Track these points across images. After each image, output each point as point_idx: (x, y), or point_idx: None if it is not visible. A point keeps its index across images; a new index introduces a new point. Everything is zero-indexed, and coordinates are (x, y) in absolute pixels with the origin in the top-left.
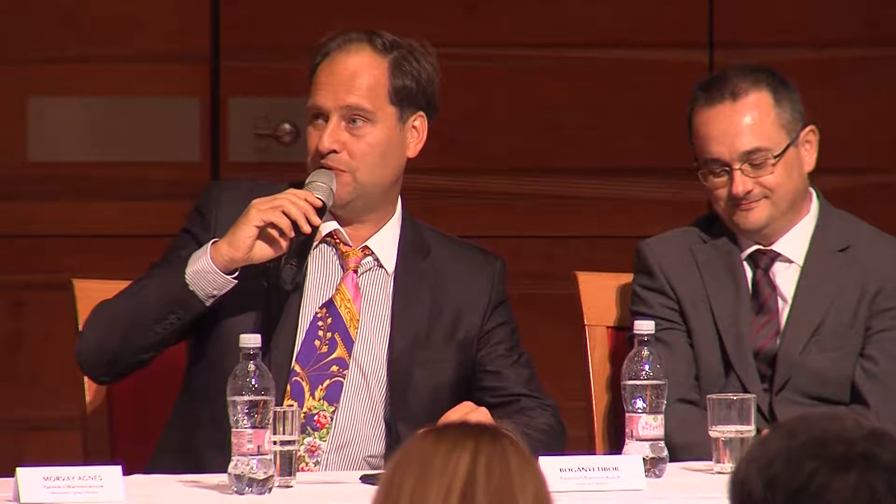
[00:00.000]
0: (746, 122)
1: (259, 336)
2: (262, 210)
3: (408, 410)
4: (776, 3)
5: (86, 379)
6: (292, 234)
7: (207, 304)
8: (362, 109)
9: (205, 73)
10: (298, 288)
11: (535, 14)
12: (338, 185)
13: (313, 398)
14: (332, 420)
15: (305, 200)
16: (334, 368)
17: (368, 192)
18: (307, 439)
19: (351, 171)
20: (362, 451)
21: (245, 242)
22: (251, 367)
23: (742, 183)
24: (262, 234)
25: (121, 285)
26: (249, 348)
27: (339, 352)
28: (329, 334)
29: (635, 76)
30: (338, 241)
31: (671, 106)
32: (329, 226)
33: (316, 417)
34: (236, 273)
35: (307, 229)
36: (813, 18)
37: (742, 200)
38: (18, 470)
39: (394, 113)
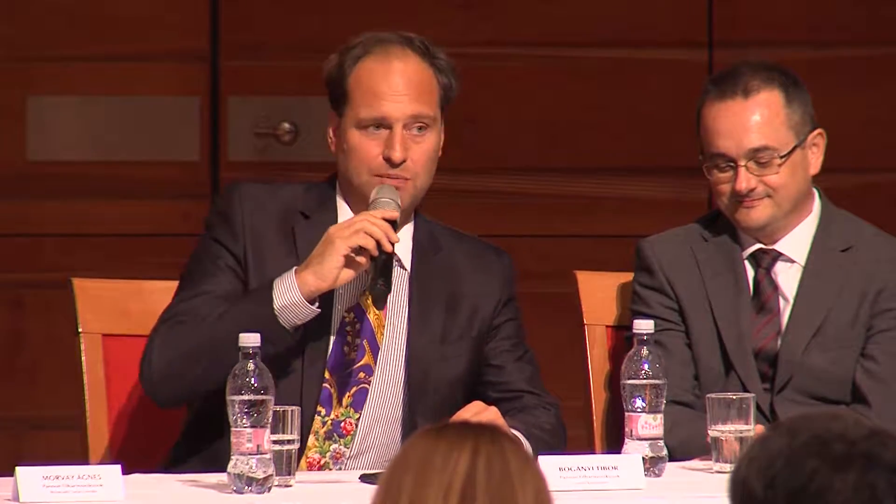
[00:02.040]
0: (756, 119)
1: (258, 335)
2: (346, 238)
3: (425, 409)
4: (776, 2)
5: (85, 378)
6: (376, 254)
7: (292, 333)
8: (427, 116)
9: (205, 73)
10: (385, 305)
11: (533, 13)
12: (401, 195)
13: (341, 405)
14: (356, 427)
15: (382, 218)
16: (361, 375)
17: (419, 196)
18: (333, 446)
19: (413, 178)
20: (382, 456)
21: (333, 273)
22: (250, 366)
23: (746, 180)
24: (346, 260)
25: (121, 285)
26: (249, 348)
27: (367, 358)
28: (357, 340)
29: (635, 76)
30: None
31: (671, 106)
32: None
33: (342, 424)
34: (317, 302)
35: (389, 248)
36: (813, 17)
37: (745, 198)
38: (18, 469)
39: (440, 115)
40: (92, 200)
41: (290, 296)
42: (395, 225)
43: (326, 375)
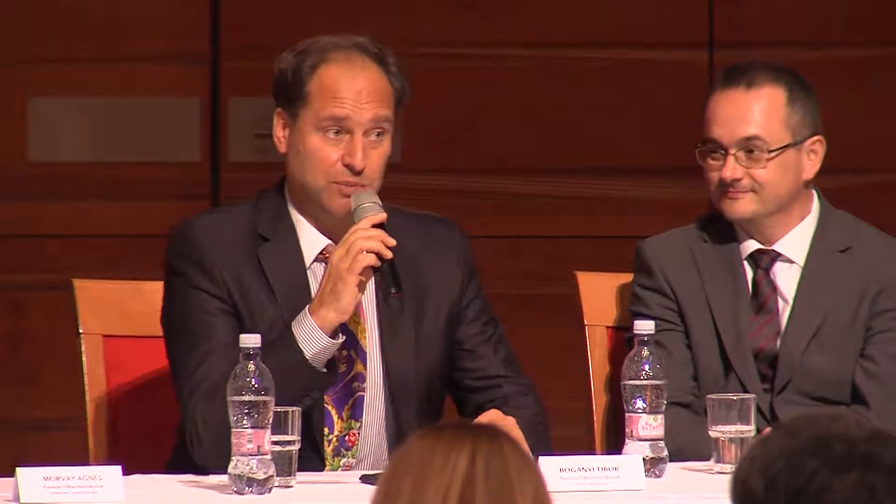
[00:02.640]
0: (753, 109)
1: (259, 336)
2: (351, 268)
3: (408, 405)
4: (776, 2)
5: (86, 379)
6: (378, 264)
7: (326, 373)
8: (387, 119)
9: (205, 73)
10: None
11: (534, 14)
12: None
13: (342, 419)
14: (359, 436)
15: (372, 225)
16: (355, 385)
17: None
18: (342, 461)
19: (370, 184)
20: (377, 459)
21: (352, 305)
22: (251, 366)
23: (732, 169)
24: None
25: (121, 286)
26: (249, 348)
27: (357, 367)
28: (345, 352)
29: (635, 76)
30: (328, 255)
31: (671, 106)
32: (318, 244)
33: (346, 437)
34: (339, 334)
35: (389, 254)
36: (813, 18)
37: (729, 187)
38: (18, 470)
39: (393, 117)
40: (92, 201)
41: (316, 339)
42: (385, 226)
43: (324, 397)
